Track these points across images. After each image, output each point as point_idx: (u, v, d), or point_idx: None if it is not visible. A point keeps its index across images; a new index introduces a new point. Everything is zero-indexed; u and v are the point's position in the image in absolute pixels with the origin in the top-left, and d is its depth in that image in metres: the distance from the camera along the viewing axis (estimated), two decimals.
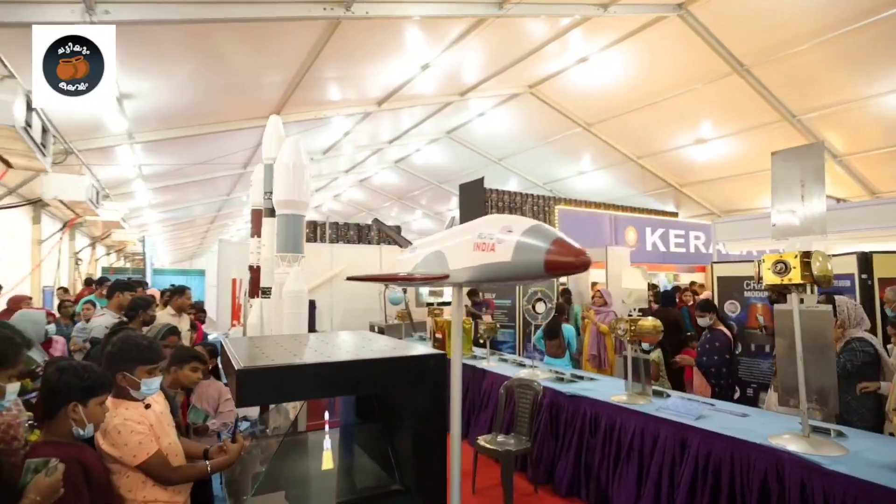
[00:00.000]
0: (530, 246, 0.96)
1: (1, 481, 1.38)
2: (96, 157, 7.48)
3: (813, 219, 2.53)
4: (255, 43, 5.76)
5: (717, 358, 4.00)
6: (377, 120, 10.76)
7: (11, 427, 1.68)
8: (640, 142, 11.88)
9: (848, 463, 2.26)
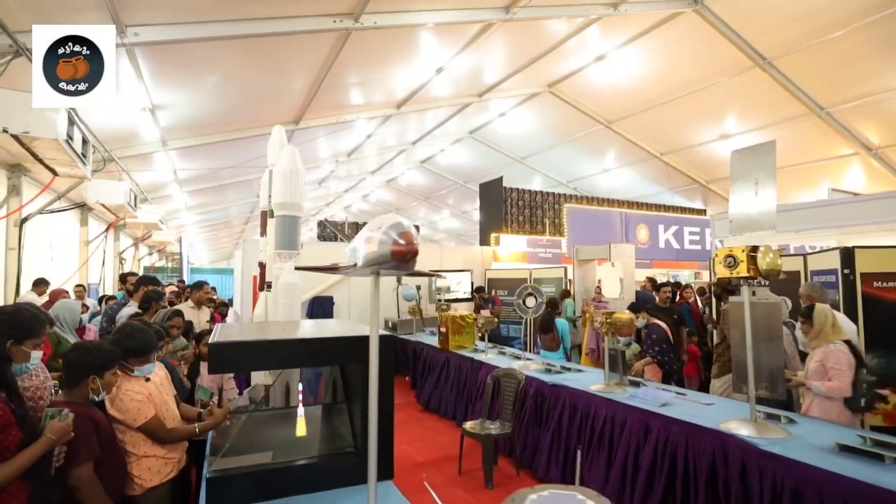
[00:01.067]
0: (386, 239, 1.22)
1: (30, 429, 1.76)
2: (134, 163, 8.17)
3: (765, 214, 2.68)
4: (275, 54, 6.19)
5: (657, 349, 4.45)
6: (398, 122, 11.12)
7: (39, 389, 2.09)
8: (664, 138, 11.79)
9: (786, 445, 2.40)
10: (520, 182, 13.88)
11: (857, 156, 10.44)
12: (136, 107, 6.27)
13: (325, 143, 11.78)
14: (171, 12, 4.74)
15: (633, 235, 9.55)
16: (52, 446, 1.71)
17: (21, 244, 6.80)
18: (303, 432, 2.44)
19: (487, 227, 10.92)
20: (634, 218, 9.92)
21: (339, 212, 23.29)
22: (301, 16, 5.40)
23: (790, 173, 11.33)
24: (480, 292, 6.59)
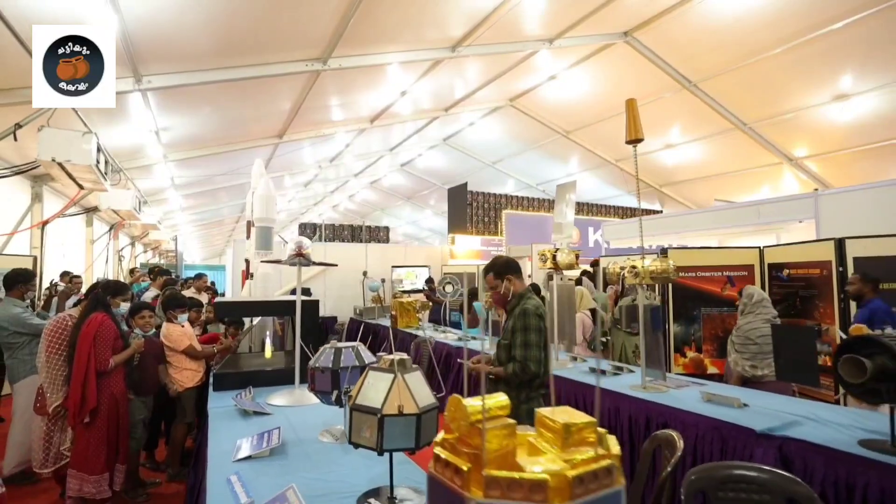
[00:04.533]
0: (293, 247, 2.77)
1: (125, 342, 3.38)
2: (138, 172, 9.72)
3: (567, 226, 4.27)
4: (260, 89, 7.69)
5: None
6: (374, 133, 12.65)
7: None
8: (616, 147, 13.37)
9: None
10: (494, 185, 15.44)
11: (781, 165, 12.06)
12: (144, 130, 7.82)
13: (309, 151, 13.32)
14: (176, 64, 6.28)
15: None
16: (135, 351, 3.35)
17: (42, 245, 8.39)
18: (269, 356, 4.07)
19: (453, 227, 12.51)
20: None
21: (327, 210, 24.87)
22: (279, 62, 6.95)
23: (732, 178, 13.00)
24: (430, 284, 8.17)
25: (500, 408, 0.96)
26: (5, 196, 7.51)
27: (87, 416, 3.09)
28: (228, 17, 5.63)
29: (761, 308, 3.97)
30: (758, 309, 3.97)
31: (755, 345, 3.87)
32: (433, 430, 1.74)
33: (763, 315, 3.92)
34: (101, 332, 3.20)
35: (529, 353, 2.48)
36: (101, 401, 3.13)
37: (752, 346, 3.89)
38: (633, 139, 3.67)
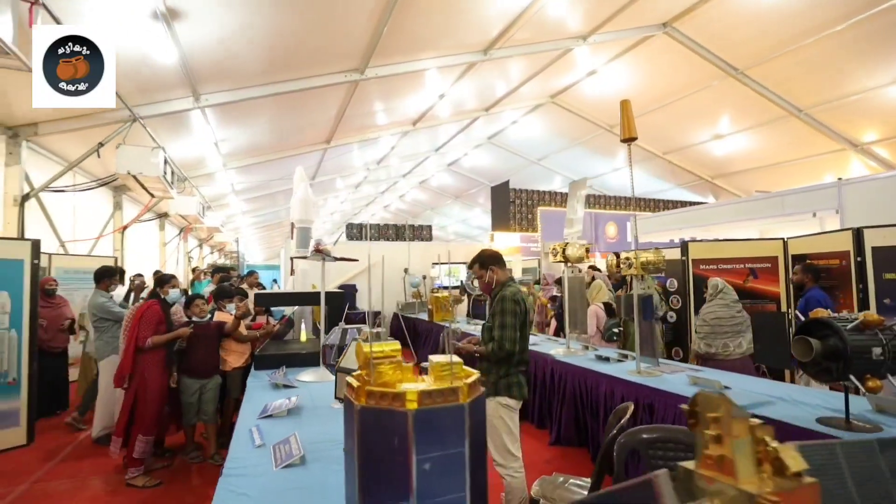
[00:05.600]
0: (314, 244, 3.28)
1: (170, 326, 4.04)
2: (202, 180, 10.80)
3: (577, 221, 4.55)
4: (305, 98, 8.38)
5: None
6: (417, 135, 13.19)
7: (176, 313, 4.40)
8: (663, 139, 13.18)
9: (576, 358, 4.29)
10: (540, 182, 15.60)
11: (845, 151, 11.45)
12: (205, 142, 8.75)
13: (357, 154, 14.08)
14: (229, 82, 7.07)
15: (602, 232, 11.16)
16: (176, 336, 4.01)
17: (123, 247, 9.55)
18: (304, 340, 4.66)
19: (496, 224, 12.84)
20: (604, 217, 11.50)
21: (379, 211, 25.85)
22: (320, 74, 7.60)
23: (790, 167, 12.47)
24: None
25: (393, 350, 1.37)
26: (93, 205, 8.68)
27: (125, 381, 3.76)
28: (272, 38, 6.31)
29: (722, 295, 4.36)
30: (719, 296, 4.36)
31: (708, 326, 4.31)
32: None
33: (720, 302, 4.32)
34: (146, 315, 3.91)
35: (505, 334, 2.83)
36: (134, 371, 3.79)
37: (705, 328, 4.34)
38: (628, 138, 3.90)
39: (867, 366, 2.38)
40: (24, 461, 4.24)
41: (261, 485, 1.86)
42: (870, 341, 2.40)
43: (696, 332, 4.45)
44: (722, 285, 4.40)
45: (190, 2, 5.07)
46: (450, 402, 1.22)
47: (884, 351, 2.37)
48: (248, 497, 1.76)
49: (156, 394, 3.88)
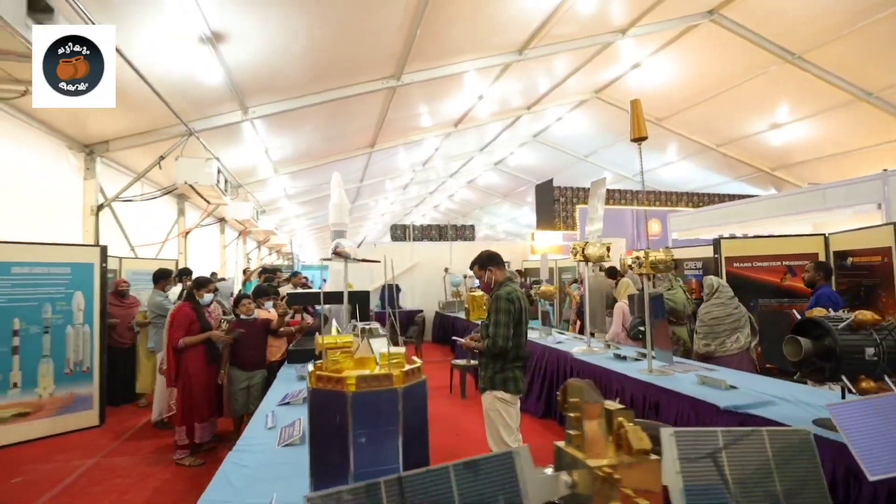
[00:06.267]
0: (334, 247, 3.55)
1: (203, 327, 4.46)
2: (255, 186, 11.55)
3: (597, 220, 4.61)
4: (346, 106, 8.78)
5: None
6: (461, 136, 13.39)
7: (211, 313, 4.85)
8: (715, 131, 12.66)
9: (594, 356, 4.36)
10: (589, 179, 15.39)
11: None
12: (256, 151, 9.39)
13: (403, 157, 14.49)
14: (273, 95, 7.59)
15: (644, 228, 10.87)
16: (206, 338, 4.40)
17: (186, 250, 10.40)
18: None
19: (541, 223, 12.83)
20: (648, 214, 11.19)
21: (429, 211, 26.32)
22: (358, 83, 7.98)
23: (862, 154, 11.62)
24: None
25: (344, 342, 1.60)
26: (159, 212, 9.54)
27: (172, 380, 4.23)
28: (310, 52, 6.73)
29: (718, 295, 4.41)
30: (714, 297, 4.40)
31: (706, 326, 4.37)
32: None
33: (716, 301, 4.36)
34: (176, 318, 4.35)
35: (498, 331, 2.99)
36: (178, 371, 4.24)
37: (704, 328, 4.40)
38: (638, 137, 3.92)
39: (860, 366, 2.35)
40: (96, 439, 4.85)
41: (261, 459, 2.15)
42: (863, 341, 2.36)
43: (696, 333, 4.50)
44: (717, 284, 4.43)
45: (232, 25, 5.55)
46: (384, 386, 1.43)
47: (878, 351, 2.33)
48: (246, 468, 2.04)
49: (201, 387, 4.32)
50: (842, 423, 1.30)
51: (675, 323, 4.95)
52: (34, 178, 6.17)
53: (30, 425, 4.74)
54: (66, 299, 5.00)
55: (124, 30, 4.98)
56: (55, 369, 4.91)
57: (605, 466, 1.00)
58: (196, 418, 4.24)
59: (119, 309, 6.05)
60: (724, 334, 4.36)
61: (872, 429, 1.32)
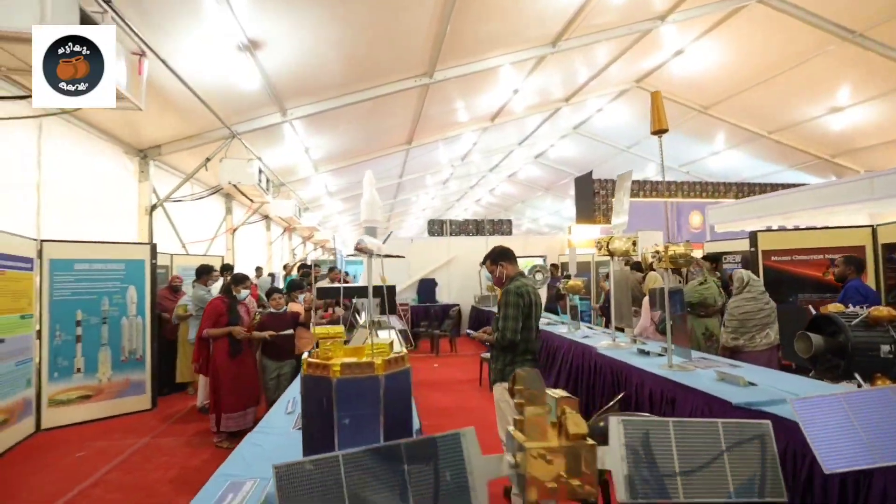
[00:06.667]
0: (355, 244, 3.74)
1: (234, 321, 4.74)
2: (298, 185, 12.00)
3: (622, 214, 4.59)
4: (381, 104, 9.00)
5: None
6: (499, 130, 13.37)
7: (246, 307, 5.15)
8: (768, 117, 12.07)
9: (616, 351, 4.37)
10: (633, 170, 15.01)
11: None
12: (296, 150, 9.77)
13: (442, 152, 14.61)
14: (310, 97, 7.88)
15: (685, 222, 10.48)
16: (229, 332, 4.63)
17: (234, 246, 10.95)
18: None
19: (580, 216, 12.67)
20: (687, 206, 10.77)
21: (471, 205, 26.39)
22: (392, 81, 8.15)
23: None
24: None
25: (336, 333, 1.74)
26: (208, 210, 10.11)
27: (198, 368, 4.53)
28: (343, 55, 6.96)
29: (749, 289, 4.36)
30: (746, 289, 4.33)
31: (737, 320, 4.33)
32: None
33: (746, 295, 4.29)
34: (208, 310, 4.68)
35: (507, 324, 3.05)
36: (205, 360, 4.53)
37: (733, 322, 4.36)
38: (659, 129, 3.87)
39: (874, 364, 2.29)
40: (147, 421, 5.29)
41: (275, 441, 2.33)
42: (878, 338, 2.29)
43: (725, 326, 4.45)
44: (748, 278, 4.34)
45: (267, 33, 5.83)
46: (366, 373, 1.56)
47: (893, 349, 2.26)
48: (260, 448, 2.24)
49: (228, 380, 4.57)
50: (803, 417, 1.32)
51: (706, 315, 4.86)
52: (95, 181, 6.71)
53: (91, 407, 5.22)
54: (120, 293, 5.46)
55: (168, 42, 5.35)
56: (112, 356, 5.38)
57: (542, 448, 1.09)
58: (222, 409, 4.53)
59: (172, 303, 6.51)
60: (753, 329, 4.29)
61: (835, 424, 1.34)
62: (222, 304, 4.72)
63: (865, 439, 1.32)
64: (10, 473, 4.05)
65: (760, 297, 4.41)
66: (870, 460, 1.30)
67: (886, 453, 1.31)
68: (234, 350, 4.60)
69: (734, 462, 1.26)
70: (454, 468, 1.14)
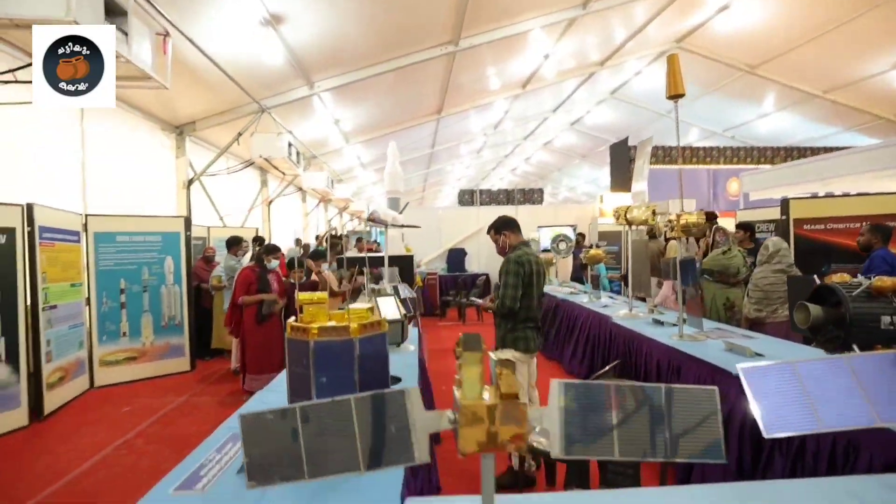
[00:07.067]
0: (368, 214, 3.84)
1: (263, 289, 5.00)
2: (331, 157, 12.22)
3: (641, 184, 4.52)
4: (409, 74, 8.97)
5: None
6: (531, 97, 13.08)
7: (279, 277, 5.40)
8: (821, 76, 11.30)
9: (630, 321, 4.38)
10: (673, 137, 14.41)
11: None
12: (326, 122, 9.93)
13: (473, 121, 14.46)
14: (336, 69, 7.96)
15: (722, 189, 10.02)
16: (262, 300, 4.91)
17: (270, 218, 11.34)
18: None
19: (615, 184, 12.36)
20: (724, 173, 10.26)
21: (507, 174, 26.12)
22: (417, 51, 8.11)
23: None
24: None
25: (319, 300, 1.87)
26: (244, 183, 10.49)
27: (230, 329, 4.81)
28: (365, 26, 6.97)
29: (777, 258, 4.22)
30: (774, 260, 4.19)
31: (761, 291, 4.24)
32: (397, 335, 2.66)
33: (773, 266, 4.16)
34: (239, 278, 4.95)
35: (506, 292, 3.11)
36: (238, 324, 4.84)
37: (758, 293, 4.27)
38: (675, 94, 3.75)
39: (874, 335, 2.23)
40: (186, 382, 5.74)
41: (281, 399, 2.52)
42: (880, 309, 2.23)
43: (748, 296, 4.35)
44: (775, 248, 4.17)
45: (288, 7, 5.91)
46: (342, 336, 1.69)
47: (894, 320, 2.20)
48: (266, 404, 2.43)
49: (255, 344, 4.87)
50: (748, 383, 1.36)
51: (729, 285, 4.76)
52: (135, 158, 7.09)
53: (136, 367, 5.69)
54: (159, 263, 5.84)
55: (193, 21, 5.52)
56: (154, 322, 5.81)
57: (475, 406, 1.17)
58: (247, 370, 4.87)
59: (207, 273, 6.90)
60: (777, 301, 4.19)
61: (783, 391, 1.37)
62: (252, 274, 4.99)
63: (812, 406, 1.35)
64: (67, 424, 4.53)
65: (788, 269, 4.28)
66: (813, 426, 1.33)
67: (831, 420, 1.34)
68: (260, 316, 4.88)
69: (676, 425, 1.31)
70: (398, 422, 1.25)
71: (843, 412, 1.35)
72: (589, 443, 1.26)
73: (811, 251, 4.93)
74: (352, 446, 1.23)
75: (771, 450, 2.57)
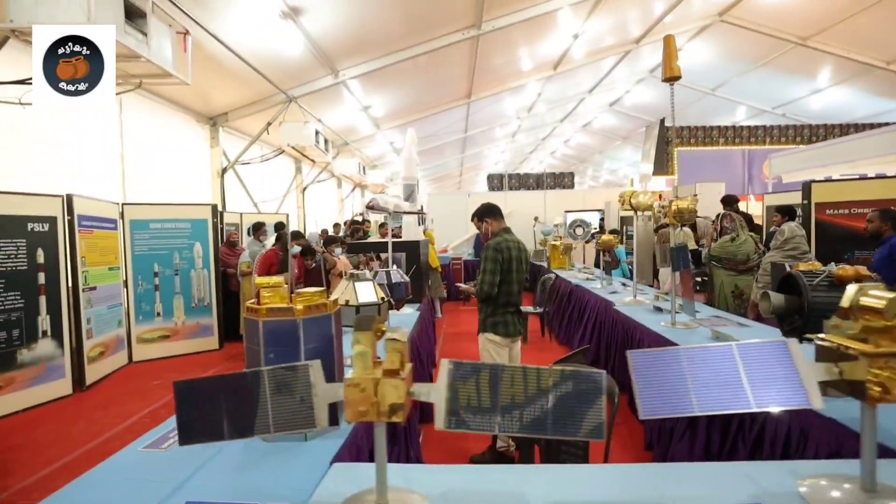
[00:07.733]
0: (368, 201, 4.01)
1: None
2: (363, 143, 12.51)
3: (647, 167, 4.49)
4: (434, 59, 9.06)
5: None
6: (564, 78, 12.85)
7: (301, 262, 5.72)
8: (884, 45, 10.52)
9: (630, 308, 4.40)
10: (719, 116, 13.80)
11: None
12: (355, 110, 10.18)
13: (507, 104, 14.36)
14: (360, 57, 8.16)
15: (758, 171, 9.52)
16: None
17: (304, 204, 11.78)
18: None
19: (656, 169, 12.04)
20: (760, 154, 9.73)
21: (546, 157, 25.77)
22: (440, 36, 8.17)
23: None
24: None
25: (275, 283, 2.07)
26: (280, 170, 10.94)
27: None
28: (385, 13, 7.12)
29: (791, 245, 4.14)
30: (787, 245, 4.12)
31: (769, 277, 4.12)
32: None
33: (788, 253, 4.08)
34: (261, 260, 5.22)
35: (484, 278, 3.22)
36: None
37: (766, 278, 4.17)
38: (670, 77, 3.69)
39: None
40: (214, 359, 6.20)
41: None
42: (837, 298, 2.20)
43: (757, 282, 4.24)
44: (791, 234, 4.14)
45: None
46: (287, 317, 1.88)
47: None
48: None
49: None
50: (634, 367, 1.45)
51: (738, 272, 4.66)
52: (171, 149, 7.59)
53: (169, 345, 6.19)
54: (188, 249, 6.28)
55: (217, 18, 5.83)
56: (185, 303, 6.28)
57: (359, 379, 1.34)
58: None
59: (232, 258, 7.32)
60: None
61: (664, 376, 1.46)
62: (275, 256, 5.34)
63: (691, 391, 1.44)
64: (106, 394, 5.04)
65: (801, 257, 4.16)
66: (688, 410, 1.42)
67: (709, 404, 1.43)
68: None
69: (559, 405, 1.42)
70: (305, 392, 1.43)
71: (721, 397, 1.44)
72: (471, 416, 1.39)
73: (834, 237, 4.73)
74: (264, 412, 1.43)
75: (735, 436, 2.60)
